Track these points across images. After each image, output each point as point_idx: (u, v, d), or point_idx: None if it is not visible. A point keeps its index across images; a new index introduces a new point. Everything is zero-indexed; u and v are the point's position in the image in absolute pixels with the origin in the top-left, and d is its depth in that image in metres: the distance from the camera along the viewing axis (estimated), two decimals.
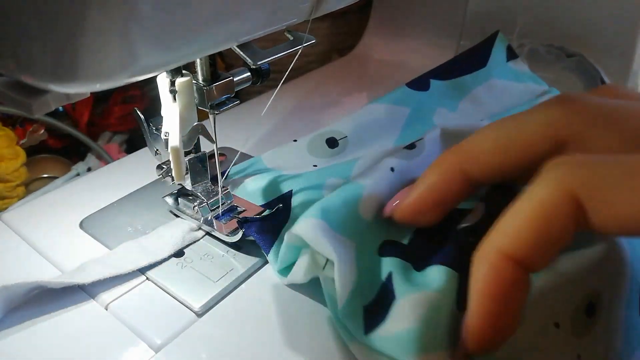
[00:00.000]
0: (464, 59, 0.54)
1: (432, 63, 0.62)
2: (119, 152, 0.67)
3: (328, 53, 0.79)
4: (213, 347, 0.29)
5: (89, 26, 0.18)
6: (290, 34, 0.34)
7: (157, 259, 0.33)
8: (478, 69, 0.53)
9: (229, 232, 0.35)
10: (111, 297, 0.31)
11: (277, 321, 0.30)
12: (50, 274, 0.33)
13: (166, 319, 0.30)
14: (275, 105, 0.55)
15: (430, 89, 0.51)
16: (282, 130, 0.53)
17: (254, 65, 0.32)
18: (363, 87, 0.65)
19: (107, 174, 0.45)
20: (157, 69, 0.25)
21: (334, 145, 0.45)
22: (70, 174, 0.61)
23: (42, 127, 0.62)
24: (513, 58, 0.55)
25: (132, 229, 0.37)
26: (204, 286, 0.32)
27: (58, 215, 0.39)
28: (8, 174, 0.53)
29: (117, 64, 0.20)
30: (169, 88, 0.31)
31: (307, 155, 0.44)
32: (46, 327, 0.29)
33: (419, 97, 0.50)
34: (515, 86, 0.53)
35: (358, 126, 0.46)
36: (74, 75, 0.19)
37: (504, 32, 0.55)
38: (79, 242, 0.36)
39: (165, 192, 0.39)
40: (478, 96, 0.52)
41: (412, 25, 0.72)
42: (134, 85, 0.69)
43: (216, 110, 0.33)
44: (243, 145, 0.48)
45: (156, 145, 0.35)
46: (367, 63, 0.73)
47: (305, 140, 0.45)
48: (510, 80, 0.53)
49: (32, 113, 0.21)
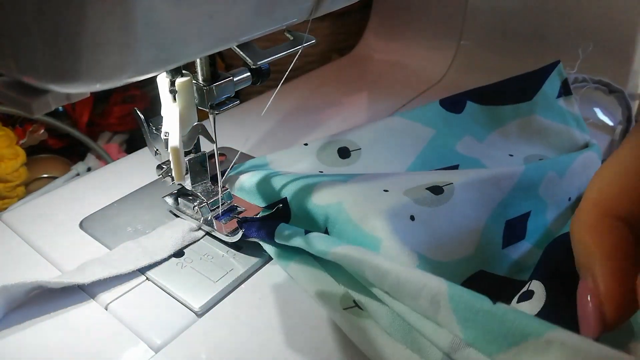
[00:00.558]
0: (511, 85, 0.50)
1: (432, 63, 0.62)
2: (119, 152, 0.67)
3: (328, 53, 0.79)
4: (213, 347, 0.29)
5: (89, 26, 0.18)
6: (290, 34, 0.34)
7: (157, 259, 0.33)
8: (522, 101, 0.49)
9: (229, 232, 0.35)
10: (111, 297, 0.31)
11: (277, 321, 0.30)
12: (50, 274, 0.33)
13: (166, 319, 0.30)
14: (275, 105, 0.55)
15: (463, 112, 0.47)
16: (282, 130, 0.53)
17: (254, 65, 0.32)
18: (363, 87, 0.65)
19: (107, 174, 0.45)
20: (157, 69, 0.24)
21: (346, 156, 0.43)
22: (70, 174, 0.61)
23: (42, 127, 0.62)
24: (566, 94, 0.50)
25: (132, 229, 0.37)
26: (204, 286, 0.32)
27: (58, 215, 0.39)
28: (8, 174, 0.53)
29: (117, 64, 0.20)
30: (169, 88, 0.31)
31: (315, 160, 0.42)
32: (46, 327, 0.29)
33: (449, 119, 0.47)
34: (557, 128, 0.49)
35: (375, 140, 0.44)
36: (74, 75, 0.19)
37: (504, 31, 0.55)
38: (79, 242, 0.36)
39: (165, 192, 0.39)
40: (511, 131, 0.48)
41: (412, 25, 0.72)
42: (134, 85, 0.69)
43: (216, 110, 0.33)
44: (243, 145, 0.48)
45: (156, 145, 0.35)
46: (367, 63, 0.73)
47: (316, 145, 0.43)
48: (554, 120, 0.49)
49: (32, 113, 0.21)
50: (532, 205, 0.39)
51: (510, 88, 0.49)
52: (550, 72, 0.49)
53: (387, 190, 0.34)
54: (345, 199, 0.34)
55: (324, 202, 0.34)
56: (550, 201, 0.40)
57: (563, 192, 0.41)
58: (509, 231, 0.37)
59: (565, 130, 0.49)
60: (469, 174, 0.37)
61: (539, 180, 0.39)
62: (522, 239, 0.38)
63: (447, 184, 0.35)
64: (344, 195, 0.34)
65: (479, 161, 0.45)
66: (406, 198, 0.33)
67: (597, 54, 0.58)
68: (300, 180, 0.36)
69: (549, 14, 0.60)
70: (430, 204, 0.34)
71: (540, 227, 0.39)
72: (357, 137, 0.44)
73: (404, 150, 0.44)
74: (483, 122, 0.48)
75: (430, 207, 0.33)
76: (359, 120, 0.55)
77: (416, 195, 0.34)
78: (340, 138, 0.43)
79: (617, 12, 0.56)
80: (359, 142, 0.43)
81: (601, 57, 0.58)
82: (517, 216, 0.38)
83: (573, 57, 0.57)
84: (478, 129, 0.48)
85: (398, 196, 0.34)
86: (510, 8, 0.63)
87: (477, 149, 0.46)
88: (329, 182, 0.36)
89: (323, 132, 0.52)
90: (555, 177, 0.40)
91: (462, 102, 0.48)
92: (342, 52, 0.79)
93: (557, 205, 0.41)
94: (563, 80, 0.50)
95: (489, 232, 0.35)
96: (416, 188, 0.35)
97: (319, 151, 0.42)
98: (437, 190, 0.34)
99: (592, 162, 0.44)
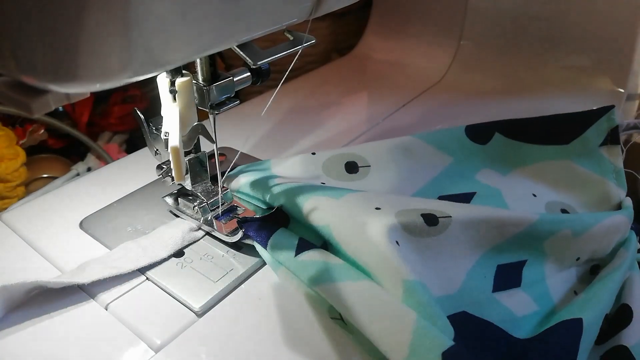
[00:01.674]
0: (549, 122, 0.44)
1: (432, 63, 0.62)
2: (119, 152, 0.67)
3: (328, 53, 0.79)
4: (213, 347, 0.29)
5: (89, 26, 0.18)
6: (290, 34, 0.34)
7: (157, 259, 0.33)
8: (558, 144, 0.44)
9: (229, 232, 0.35)
10: (111, 297, 0.31)
11: (276, 321, 0.30)
12: (50, 274, 0.33)
13: (166, 319, 0.30)
14: (275, 105, 0.55)
15: (488, 144, 0.44)
16: (282, 130, 0.53)
17: (254, 65, 0.32)
18: (363, 87, 0.65)
19: (107, 174, 0.45)
20: (157, 69, 0.24)
21: (353, 171, 0.40)
22: (70, 174, 0.61)
23: (42, 127, 0.62)
24: (612, 143, 0.44)
25: (132, 229, 0.37)
26: (204, 286, 0.32)
27: (58, 215, 0.39)
28: (8, 174, 0.53)
29: (117, 64, 0.20)
30: (169, 88, 0.31)
31: (320, 172, 0.40)
32: (46, 327, 0.29)
33: (471, 148, 0.43)
34: (592, 179, 0.43)
35: (386, 158, 0.41)
36: (74, 75, 0.19)
37: (504, 31, 0.55)
38: (79, 242, 0.36)
39: (165, 192, 0.39)
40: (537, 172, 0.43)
41: (412, 25, 0.72)
42: (134, 85, 0.69)
43: (216, 110, 0.33)
44: (243, 145, 0.48)
45: (156, 145, 0.35)
46: (367, 63, 0.73)
47: (324, 156, 0.41)
48: (590, 169, 0.43)
49: (32, 113, 0.21)
50: (529, 255, 0.35)
51: (547, 126, 0.44)
52: (600, 117, 0.44)
53: (379, 208, 0.32)
54: (332, 222, 0.32)
55: (314, 222, 0.33)
56: (552, 256, 0.36)
57: (572, 250, 0.37)
58: (501, 276, 0.34)
59: (601, 182, 0.43)
60: (473, 211, 0.34)
61: (549, 235, 0.35)
62: (517, 286, 0.34)
63: (446, 216, 0.32)
64: (331, 217, 0.32)
65: (500, 192, 0.41)
66: (395, 220, 0.31)
67: (597, 54, 0.58)
68: (294, 191, 0.35)
69: (549, 14, 0.60)
70: (419, 234, 0.31)
71: (538, 279, 0.36)
72: (368, 153, 0.41)
73: (415, 174, 0.41)
74: (506, 157, 0.44)
75: (417, 238, 0.31)
76: (359, 120, 0.55)
77: (407, 219, 0.31)
78: (350, 152, 0.41)
79: (617, 12, 0.56)
80: (369, 158, 0.41)
81: (601, 58, 0.58)
82: (511, 262, 0.35)
83: (573, 57, 0.57)
84: (500, 164, 0.44)
85: (388, 217, 0.31)
86: (510, 8, 0.62)
87: (499, 180, 0.43)
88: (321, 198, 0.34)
89: (323, 132, 0.52)
90: (568, 236, 0.36)
91: (490, 132, 0.44)
92: (342, 52, 0.79)
93: (559, 261, 0.37)
94: (612, 128, 0.44)
95: (476, 274, 0.33)
96: (410, 211, 0.32)
97: (325, 163, 0.40)
98: (432, 221, 0.32)
99: (620, 226, 0.39)
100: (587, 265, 0.39)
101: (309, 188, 0.35)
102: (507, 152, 0.44)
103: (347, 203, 0.33)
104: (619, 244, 0.39)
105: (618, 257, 0.38)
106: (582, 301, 0.33)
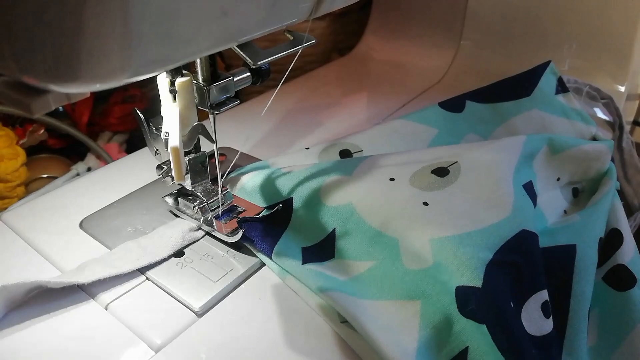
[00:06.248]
0: (506, 84, 0.50)
1: (432, 63, 0.62)
2: (119, 152, 0.67)
3: (328, 53, 0.79)
4: (213, 347, 0.29)
5: (89, 27, 0.18)
6: (290, 34, 0.34)
7: (157, 259, 0.33)
8: (521, 97, 0.49)
9: (229, 232, 0.35)
10: (111, 297, 0.31)
11: (276, 321, 0.30)
12: (50, 274, 0.33)
13: (166, 319, 0.30)
14: (275, 105, 0.55)
15: (464, 111, 0.48)
16: (282, 130, 0.53)
17: (254, 65, 0.32)
18: (363, 87, 0.65)
19: (107, 174, 0.45)
20: (156, 69, 0.24)
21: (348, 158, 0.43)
22: (70, 174, 0.61)
23: (42, 127, 0.62)
24: (564, 91, 0.51)
25: (132, 229, 0.37)
26: (204, 286, 0.32)
27: (58, 215, 0.39)
28: (8, 174, 0.53)
29: (117, 64, 0.20)
30: (169, 88, 0.31)
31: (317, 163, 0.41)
32: (46, 327, 0.29)
33: (451, 118, 0.47)
34: (561, 122, 0.49)
35: (377, 141, 0.44)
36: (74, 76, 0.19)
37: (503, 31, 0.55)
38: (79, 242, 0.36)
39: (165, 192, 0.39)
40: (515, 126, 0.48)
41: (412, 25, 0.72)
42: (134, 85, 0.69)
43: (216, 110, 0.33)
44: (243, 145, 0.48)
45: (156, 145, 0.35)
46: (367, 63, 0.73)
47: (318, 149, 0.43)
48: (556, 115, 0.49)
49: (32, 113, 0.21)
50: (531, 175, 0.39)
51: (506, 87, 0.50)
52: (544, 71, 0.50)
53: (393, 179, 0.35)
54: (354, 199, 0.34)
55: (334, 203, 0.35)
56: (538, 175, 0.40)
57: (552, 169, 0.41)
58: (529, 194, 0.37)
59: (569, 124, 0.49)
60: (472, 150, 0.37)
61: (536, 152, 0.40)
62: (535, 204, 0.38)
63: (452, 163, 0.36)
64: (352, 194, 0.34)
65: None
66: (414, 189, 0.34)
67: (597, 54, 0.58)
68: (306, 179, 0.36)
69: (548, 14, 0.60)
70: (439, 187, 0.34)
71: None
72: (359, 140, 0.43)
73: (407, 148, 0.44)
74: (486, 120, 0.48)
75: (440, 190, 0.34)
76: (359, 120, 0.55)
77: (422, 183, 0.34)
78: (342, 141, 0.43)
79: (616, 12, 0.56)
80: (361, 144, 0.43)
81: (600, 57, 0.58)
82: (526, 182, 0.38)
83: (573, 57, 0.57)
84: (481, 126, 0.48)
85: (406, 187, 0.34)
86: (510, 8, 0.63)
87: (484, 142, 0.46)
88: (335, 178, 0.36)
89: (323, 132, 0.52)
90: (547, 153, 0.40)
91: (462, 102, 0.48)
92: (342, 52, 0.79)
93: (545, 181, 0.41)
94: (558, 78, 0.51)
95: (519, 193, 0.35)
96: (421, 173, 0.35)
97: (321, 154, 0.42)
98: (442, 172, 0.35)
99: (600, 155, 0.43)
100: (570, 187, 0.43)
101: (317, 172, 0.37)
102: (484, 115, 0.49)
103: (360, 178, 0.35)
104: (601, 174, 0.43)
105: (604, 184, 0.42)
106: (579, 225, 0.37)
